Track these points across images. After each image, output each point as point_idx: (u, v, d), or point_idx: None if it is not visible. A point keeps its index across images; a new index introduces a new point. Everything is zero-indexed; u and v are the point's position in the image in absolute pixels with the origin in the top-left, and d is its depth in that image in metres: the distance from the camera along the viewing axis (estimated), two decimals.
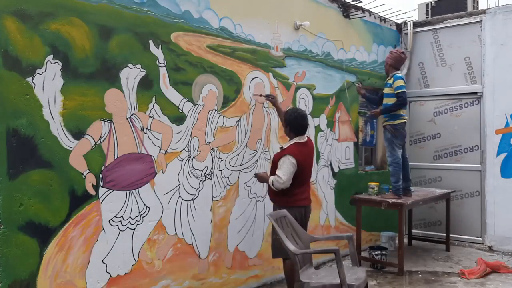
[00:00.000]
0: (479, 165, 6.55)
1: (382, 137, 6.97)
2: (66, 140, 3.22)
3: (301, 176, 4.14)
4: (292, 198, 4.13)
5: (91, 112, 3.38)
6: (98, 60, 3.41)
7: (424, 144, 7.04)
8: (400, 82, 5.51)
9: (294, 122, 4.20)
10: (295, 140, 4.21)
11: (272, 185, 4.09)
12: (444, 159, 6.88)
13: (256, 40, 4.74)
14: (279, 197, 4.17)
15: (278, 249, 4.04)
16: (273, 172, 4.17)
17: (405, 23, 7.19)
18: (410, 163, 7.18)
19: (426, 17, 7.76)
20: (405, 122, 5.66)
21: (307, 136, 4.30)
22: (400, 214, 5.35)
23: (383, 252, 5.65)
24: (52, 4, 3.16)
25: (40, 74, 3.08)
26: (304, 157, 4.17)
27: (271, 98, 4.71)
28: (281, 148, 4.28)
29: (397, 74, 5.60)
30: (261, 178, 4.37)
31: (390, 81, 5.61)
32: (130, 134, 3.64)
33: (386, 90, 5.71)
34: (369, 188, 5.79)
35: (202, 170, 4.21)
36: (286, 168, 4.03)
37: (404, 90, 5.51)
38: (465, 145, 6.72)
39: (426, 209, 6.85)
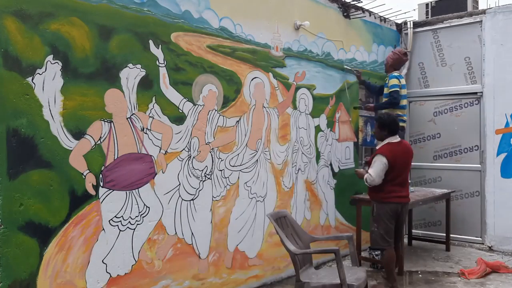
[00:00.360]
0: (479, 165, 6.55)
1: None
2: (66, 140, 3.22)
3: (394, 174, 4.49)
4: (386, 195, 4.51)
5: (91, 112, 3.38)
6: (98, 60, 3.41)
7: (424, 144, 7.04)
8: (394, 81, 5.65)
9: (386, 123, 4.62)
10: (387, 140, 4.63)
11: (366, 181, 4.54)
12: (444, 159, 6.88)
13: (256, 40, 4.74)
14: (374, 193, 4.61)
15: (375, 239, 4.60)
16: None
17: (405, 23, 7.19)
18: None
19: (426, 17, 7.76)
20: (403, 126, 5.68)
21: (401, 139, 4.72)
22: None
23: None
24: (52, 4, 3.16)
25: (40, 74, 3.08)
26: (396, 156, 4.50)
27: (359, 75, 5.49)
28: (376, 149, 4.74)
29: (393, 74, 5.71)
30: (359, 174, 4.87)
31: (387, 81, 5.74)
32: (130, 134, 3.64)
33: (385, 90, 5.82)
34: None
35: (202, 170, 4.21)
36: (376, 167, 4.47)
37: (397, 89, 5.63)
38: (465, 145, 6.72)
39: (426, 209, 6.85)
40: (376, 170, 4.46)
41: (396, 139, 4.63)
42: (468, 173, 6.67)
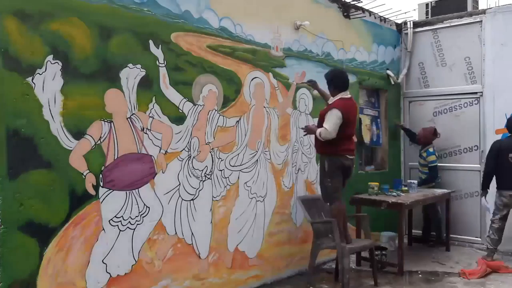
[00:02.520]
0: (479, 165, 6.55)
1: (383, 137, 7.01)
2: (66, 140, 3.22)
3: (346, 128, 4.55)
4: (339, 148, 4.57)
5: (91, 112, 3.38)
6: (98, 60, 3.41)
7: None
8: (432, 158, 6.51)
9: (336, 79, 4.67)
10: (339, 95, 4.64)
11: (320, 135, 4.50)
12: (444, 159, 6.88)
13: (256, 40, 4.74)
14: (326, 147, 4.60)
15: (329, 193, 4.68)
16: (320, 126, 4.60)
17: (405, 23, 7.19)
18: (410, 163, 7.23)
19: (426, 17, 7.77)
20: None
21: (350, 94, 4.72)
22: (400, 215, 5.34)
23: (383, 252, 5.65)
24: (52, 4, 3.16)
25: (40, 74, 3.08)
26: (348, 110, 4.56)
27: (313, 84, 5.12)
28: (327, 103, 4.77)
29: (429, 150, 6.52)
30: (309, 130, 4.75)
31: (424, 154, 6.58)
32: (130, 134, 3.63)
33: (421, 161, 6.73)
34: (369, 188, 5.79)
35: (202, 170, 4.21)
36: (332, 120, 4.45)
37: (435, 165, 6.60)
38: (465, 145, 6.72)
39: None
40: (331, 124, 4.45)
41: (347, 94, 4.69)
42: (467, 173, 6.67)
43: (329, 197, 4.70)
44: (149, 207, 3.77)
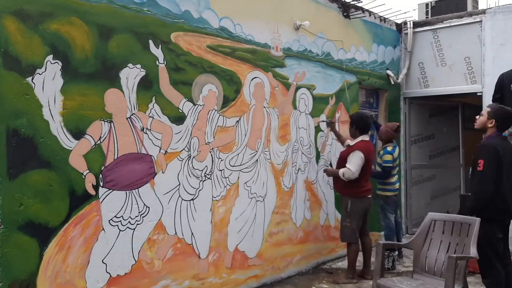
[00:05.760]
0: None
1: None
2: (66, 140, 3.22)
3: (366, 169, 4.88)
4: (361, 189, 4.90)
5: (91, 112, 3.38)
6: (98, 60, 3.41)
7: (423, 144, 7.04)
8: (388, 157, 5.60)
9: (360, 122, 4.98)
10: (360, 138, 4.96)
11: (343, 176, 4.80)
12: (441, 157, 6.88)
13: (256, 40, 4.74)
14: (348, 188, 4.90)
15: (347, 234, 4.94)
16: (341, 166, 4.91)
17: (405, 23, 7.19)
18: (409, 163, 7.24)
19: (426, 17, 7.79)
20: (395, 194, 5.80)
21: (368, 138, 5.02)
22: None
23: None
24: (52, 4, 3.16)
25: (40, 74, 3.08)
26: (368, 152, 4.89)
27: (330, 123, 5.49)
28: (348, 145, 5.01)
29: (387, 148, 5.65)
30: (330, 172, 5.13)
31: (381, 152, 5.73)
32: (130, 134, 3.63)
33: (378, 160, 5.83)
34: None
35: (202, 170, 4.21)
36: (355, 161, 4.78)
37: (390, 165, 5.58)
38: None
39: (423, 207, 6.85)
40: (355, 164, 4.77)
41: (367, 137, 5.02)
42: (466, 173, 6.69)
43: (347, 237, 4.98)
44: (149, 207, 3.77)
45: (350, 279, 4.97)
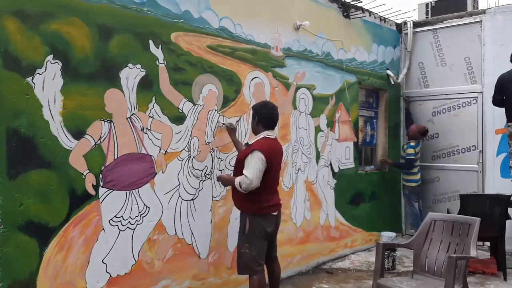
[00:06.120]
0: (476, 166, 6.56)
1: (382, 137, 7.01)
2: (66, 140, 3.22)
3: (270, 176, 3.74)
4: (263, 205, 3.74)
5: (91, 112, 3.38)
6: (98, 60, 3.41)
7: (423, 144, 7.04)
8: (410, 151, 6.58)
9: (262, 113, 3.83)
10: (263, 134, 3.80)
11: (240, 186, 3.63)
12: (442, 159, 6.88)
13: (256, 40, 4.74)
14: (248, 203, 3.74)
15: (245, 264, 3.76)
16: (238, 173, 3.70)
17: (405, 23, 7.19)
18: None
19: (426, 17, 7.78)
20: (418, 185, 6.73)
21: (275, 136, 3.99)
22: None
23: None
24: (52, 4, 3.16)
25: (40, 74, 3.08)
26: (273, 154, 3.74)
27: (231, 128, 4.32)
28: (247, 144, 3.89)
29: (410, 143, 6.64)
30: (225, 180, 3.93)
31: (405, 146, 6.79)
32: (130, 134, 3.63)
33: (401, 153, 7.00)
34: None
35: (202, 170, 4.21)
36: (254, 165, 3.59)
37: (412, 157, 6.57)
38: (463, 145, 6.73)
39: (424, 210, 6.84)
40: (254, 170, 3.58)
41: (272, 134, 3.87)
42: (465, 174, 6.68)
43: (245, 268, 3.77)
44: (149, 207, 3.77)
45: None
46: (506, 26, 6.28)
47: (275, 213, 3.88)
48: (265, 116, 3.83)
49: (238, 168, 3.76)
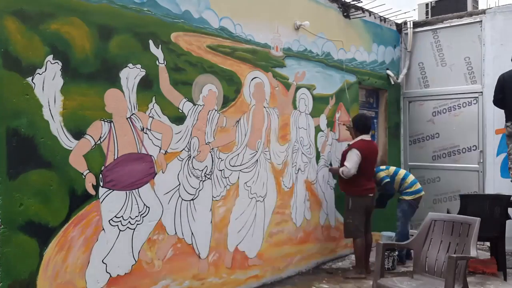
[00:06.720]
0: (477, 165, 6.56)
1: (383, 137, 7.01)
2: (66, 140, 3.22)
3: (365, 168, 5.11)
4: (360, 188, 5.13)
5: (91, 112, 3.38)
6: (98, 60, 3.41)
7: (423, 144, 7.04)
8: (382, 174, 5.77)
9: (359, 122, 5.28)
10: (360, 137, 5.22)
11: (342, 173, 5.10)
12: (443, 159, 6.88)
13: (256, 40, 4.74)
14: (349, 187, 5.17)
15: (350, 230, 5.19)
16: (343, 165, 5.17)
17: (405, 23, 7.18)
18: (409, 163, 7.24)
19: (426, 17, 7.78)
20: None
21: (370, 138, 5.31)
22: None
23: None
24: (52, 4, 3.16)
25: (40, 74, 3.08)
26: (367, 151, 5.13)
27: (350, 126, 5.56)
28: (349, 145, 5.33)
29: (380, 167, 5.88)
30: (333, 170, 5.52)
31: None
32: (130, 134, 3.63)
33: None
34: None
35: (202, 170, 4.21)
36: (351, 159, 5.06)
37: (388, 180, 5.69)
38: (463, 145, 6.73)
39: (425, 210, 6.84)
40: (351, 162, 5.05)
41: (368, 137, 5.25)
42: (466, 174, 6.67)
43: (350, 233, 5.22)
44: (149, 207, 3.77)
45: (359, 274, 5.11)
46: (506, 26, 6.28)
47: (371, 194, 5.27)
48: (360, 124, 5.28)
49: (342, 161, 5.25)
